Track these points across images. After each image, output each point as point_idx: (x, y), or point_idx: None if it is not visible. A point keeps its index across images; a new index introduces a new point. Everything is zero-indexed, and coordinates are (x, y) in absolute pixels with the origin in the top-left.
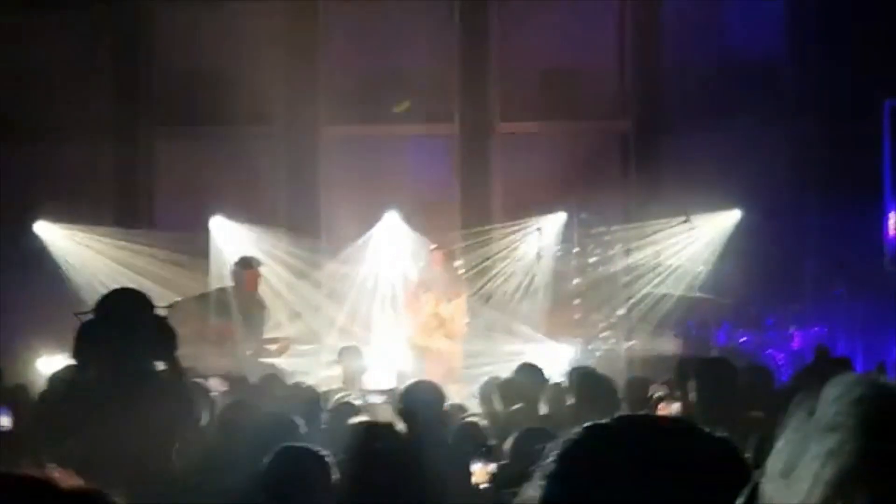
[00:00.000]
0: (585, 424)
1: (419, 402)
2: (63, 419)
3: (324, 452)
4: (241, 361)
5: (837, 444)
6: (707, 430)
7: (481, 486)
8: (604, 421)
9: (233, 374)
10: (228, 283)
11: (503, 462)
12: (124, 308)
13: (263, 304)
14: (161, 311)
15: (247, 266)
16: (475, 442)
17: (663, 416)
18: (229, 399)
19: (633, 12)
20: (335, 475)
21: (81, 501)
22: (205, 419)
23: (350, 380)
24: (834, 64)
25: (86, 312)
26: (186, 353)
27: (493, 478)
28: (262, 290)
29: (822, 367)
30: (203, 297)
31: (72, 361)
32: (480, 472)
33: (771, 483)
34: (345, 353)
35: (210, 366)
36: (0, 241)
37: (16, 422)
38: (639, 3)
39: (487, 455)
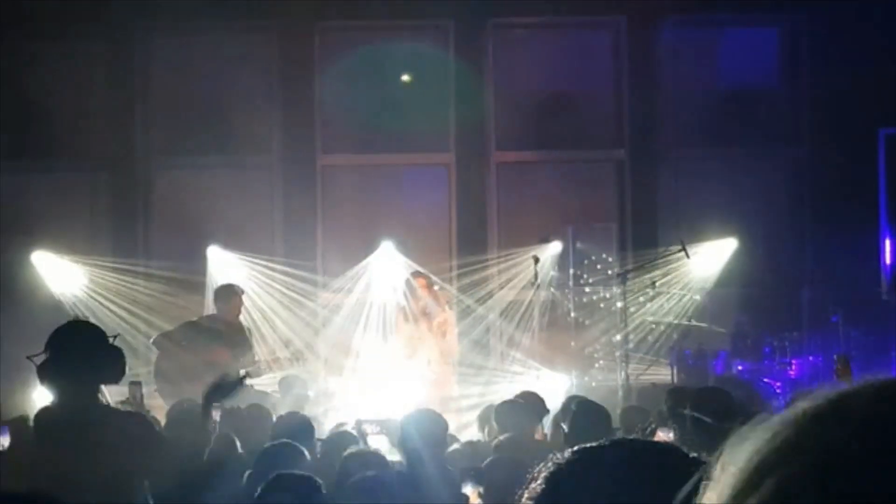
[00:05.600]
0: (574, 448)
1: (418, 430)
2: (30, 456)
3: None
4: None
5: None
6: (692, 453)
7: None
8: (591, 444)
9: (225, 403)
10: (213, 310)
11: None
12: (75, 342)
13: (246, 329)
14: (114, 340)
15: (235, 293)
16: (470, 465)
17: (651, 440)
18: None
19: (629, 41)
20: None
21: None
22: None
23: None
24: (829, 92)
25: (37, 354)
26: (179, 384)
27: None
28: (256, 318)
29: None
30: (190, 326)
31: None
32: (472, 494)
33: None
34: (284, 382)
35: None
36: None
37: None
38: (635, 31)
39: (477, 477)
